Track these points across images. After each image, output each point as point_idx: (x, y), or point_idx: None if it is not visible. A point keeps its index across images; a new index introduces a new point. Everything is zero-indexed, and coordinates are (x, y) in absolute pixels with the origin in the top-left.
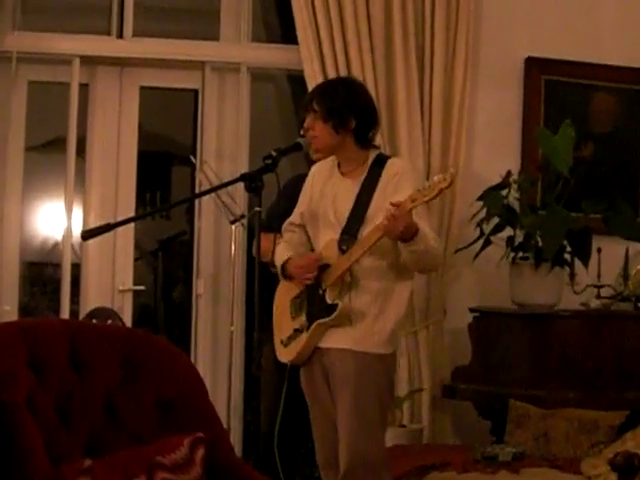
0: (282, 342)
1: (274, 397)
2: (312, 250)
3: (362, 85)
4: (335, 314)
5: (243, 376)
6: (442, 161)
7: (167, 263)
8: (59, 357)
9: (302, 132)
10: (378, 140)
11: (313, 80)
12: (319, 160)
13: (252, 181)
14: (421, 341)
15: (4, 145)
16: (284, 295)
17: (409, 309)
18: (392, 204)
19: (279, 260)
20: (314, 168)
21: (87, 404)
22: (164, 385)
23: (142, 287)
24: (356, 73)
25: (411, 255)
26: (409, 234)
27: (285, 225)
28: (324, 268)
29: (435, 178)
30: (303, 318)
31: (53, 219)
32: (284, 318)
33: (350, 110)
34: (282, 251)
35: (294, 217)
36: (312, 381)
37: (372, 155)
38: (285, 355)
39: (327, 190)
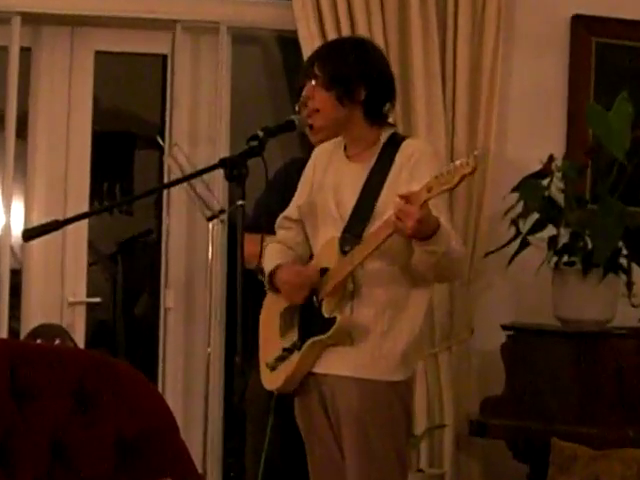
0: (268, 365)
1: (261, 435)
2: (311, 254)
3: (377, 48)
4: (333, 330)
5: (222, 410)
6: (469, 144)
7: (128, 269)
8: None
9: (297, 107)
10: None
11: (309, 43)
12: (319, 142)
13: (234, 168)
14: (443, 366)
15: None
16: (273, 306)
17: (427, 325)
18: (401, 197)
19: (267, 267)
20: (317, 150)
21: (31, 442)
22: (125, 420)
23: (97, 299)
24: (362, 34)
25: (428, 257)
26: (427, 231)
27: (279, 220)
28: (321, 273)
29: (457, 162)
30: (294, 335)
31: None
32: (272, 335)
33: (359, 77)
34: (271, 255)
35: (290, 210)
36: (308, 414)
37: (385, 135)
38: (271, 381)
39: (329, 177)
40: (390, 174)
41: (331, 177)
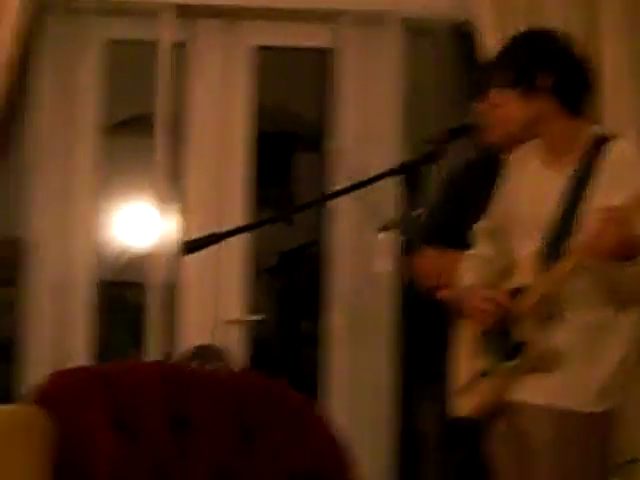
0: (462, 389)
1: (443, 472)
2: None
3: (554, 34)
4: (521, 357)
5: (398, 443)
6: None
7: (290, 284)
8: (153, 414)
9: (478, 107)
10: None
11: (488, 36)
12: (496, 142)
13: (412, 174)
14: (637, 392)
15: (71, 124)
16: (471, 327)
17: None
18: (600, 212)
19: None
20: (513, 155)
21: (192, 476)
22: (296, 454)
23: (259, 317)
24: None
25: (629, 280)
26: (628, 253)
27: (472, 233)
28: (517, 292)
29: None
30: (490, 359)
31: (137, 224)
32: (468, 359)
33: (541, 63)
34: (465, 275)
35: (485, 221)
36: (497, 445)
37: (588, 133)
38: (463, 407)
39: (524, 185)
40: (594, 181)
41: (527, 185)
